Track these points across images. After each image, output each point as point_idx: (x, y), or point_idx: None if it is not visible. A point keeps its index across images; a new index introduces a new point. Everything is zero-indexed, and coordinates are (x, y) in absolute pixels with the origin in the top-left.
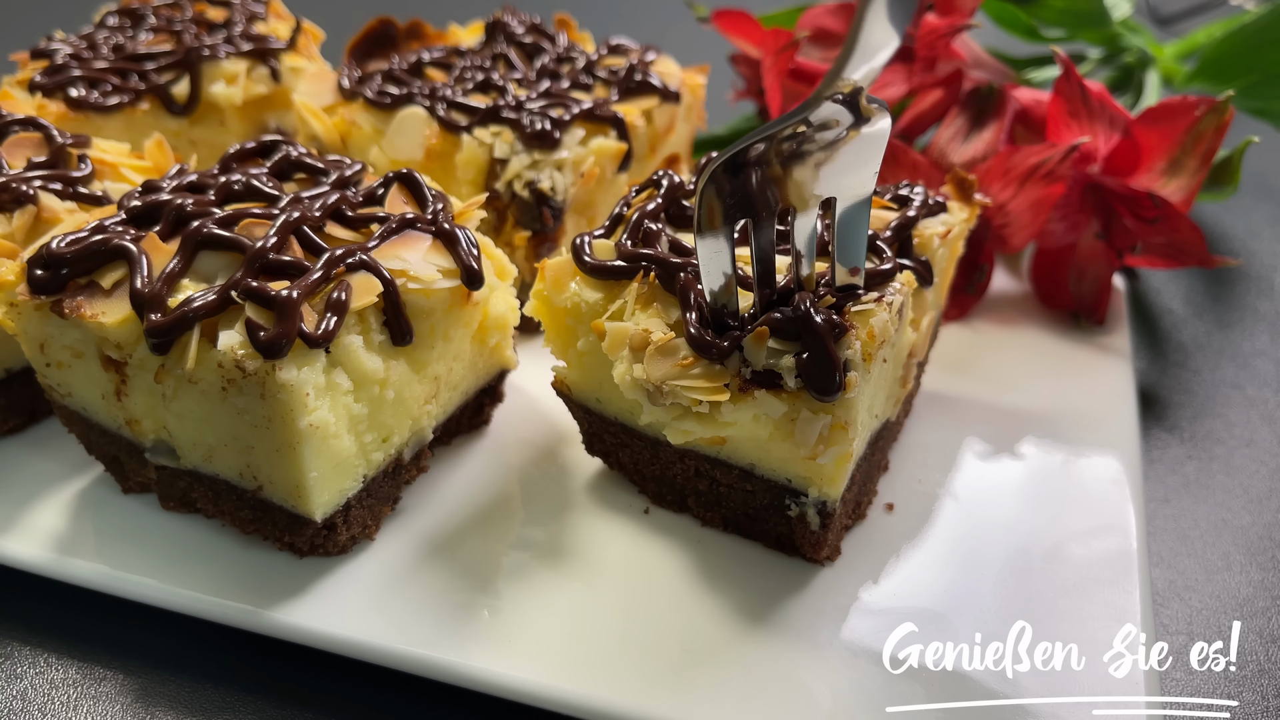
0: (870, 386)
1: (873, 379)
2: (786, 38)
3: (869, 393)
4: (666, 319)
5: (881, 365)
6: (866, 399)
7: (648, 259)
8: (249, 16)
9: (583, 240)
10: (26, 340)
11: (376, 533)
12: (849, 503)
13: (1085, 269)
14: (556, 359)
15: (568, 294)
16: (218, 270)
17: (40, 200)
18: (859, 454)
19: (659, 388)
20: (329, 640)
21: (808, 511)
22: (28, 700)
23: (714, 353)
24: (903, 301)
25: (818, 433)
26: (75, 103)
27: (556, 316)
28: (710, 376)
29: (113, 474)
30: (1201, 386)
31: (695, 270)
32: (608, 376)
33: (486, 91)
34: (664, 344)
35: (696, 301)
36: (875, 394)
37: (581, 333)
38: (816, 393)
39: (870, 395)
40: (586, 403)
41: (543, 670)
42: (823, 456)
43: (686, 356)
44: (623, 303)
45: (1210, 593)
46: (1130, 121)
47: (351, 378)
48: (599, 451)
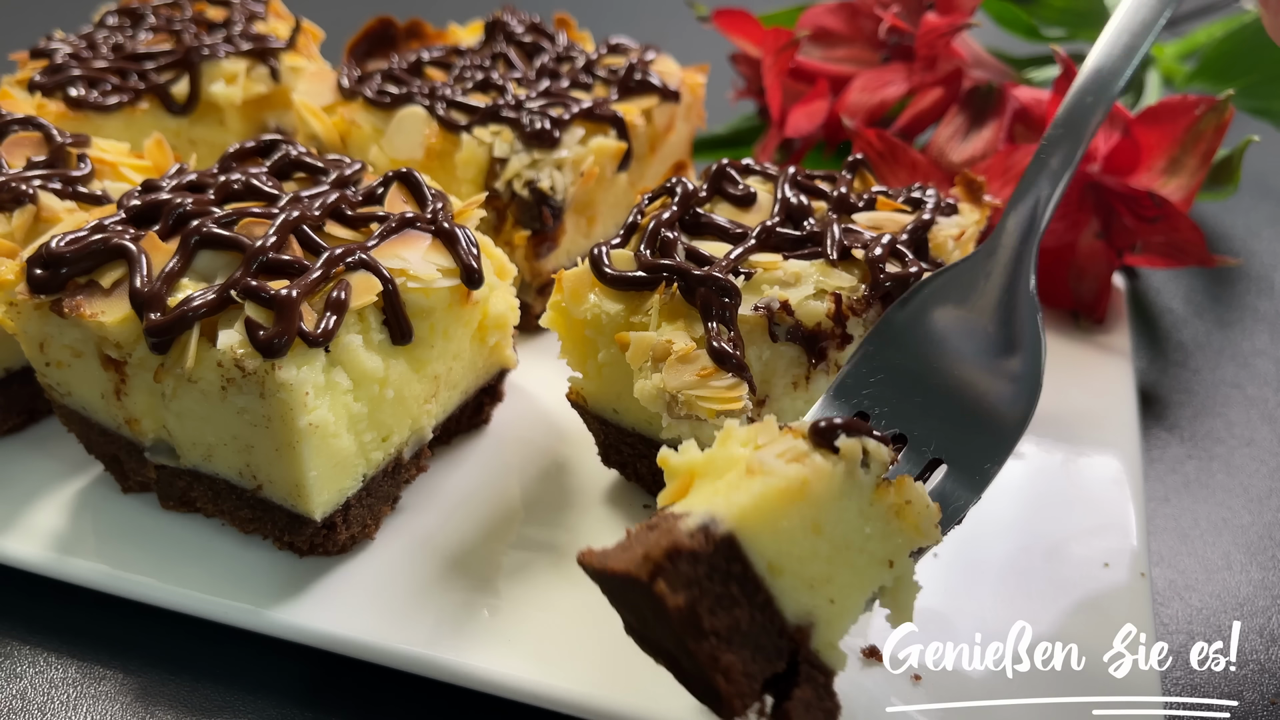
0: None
1: None
2: (786, 37)
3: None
4: (692, 332)
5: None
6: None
7: (669, 270)
8: (249, 16)
9: (601, 251)
10: (26, 339)
11: (376, 532)
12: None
13: (1085, 268)
14: (573, 370)
15: (587, 305)
16: (217, 269)
17: (40, 199)
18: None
19: (675, 397)
20: (329, 640)
21: None
22: (28, 699)
23: (733, 364)
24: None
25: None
26: (75, 102)
27: (574, 328)
28: (728, 387)
29: (112, 473)
30: (1201, 386)
31: (716, 284)
32: (626, 387)
33: (486, 91)
34: (685, 354)
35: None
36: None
37: (602, 344)
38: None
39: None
40: (603, 414)
41: (542, 670)
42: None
43: (706, 367)
44: (646, 314)
45: (1210, 592)
46: (1130, 121)
47: (351, 377)
48: (615, 463)
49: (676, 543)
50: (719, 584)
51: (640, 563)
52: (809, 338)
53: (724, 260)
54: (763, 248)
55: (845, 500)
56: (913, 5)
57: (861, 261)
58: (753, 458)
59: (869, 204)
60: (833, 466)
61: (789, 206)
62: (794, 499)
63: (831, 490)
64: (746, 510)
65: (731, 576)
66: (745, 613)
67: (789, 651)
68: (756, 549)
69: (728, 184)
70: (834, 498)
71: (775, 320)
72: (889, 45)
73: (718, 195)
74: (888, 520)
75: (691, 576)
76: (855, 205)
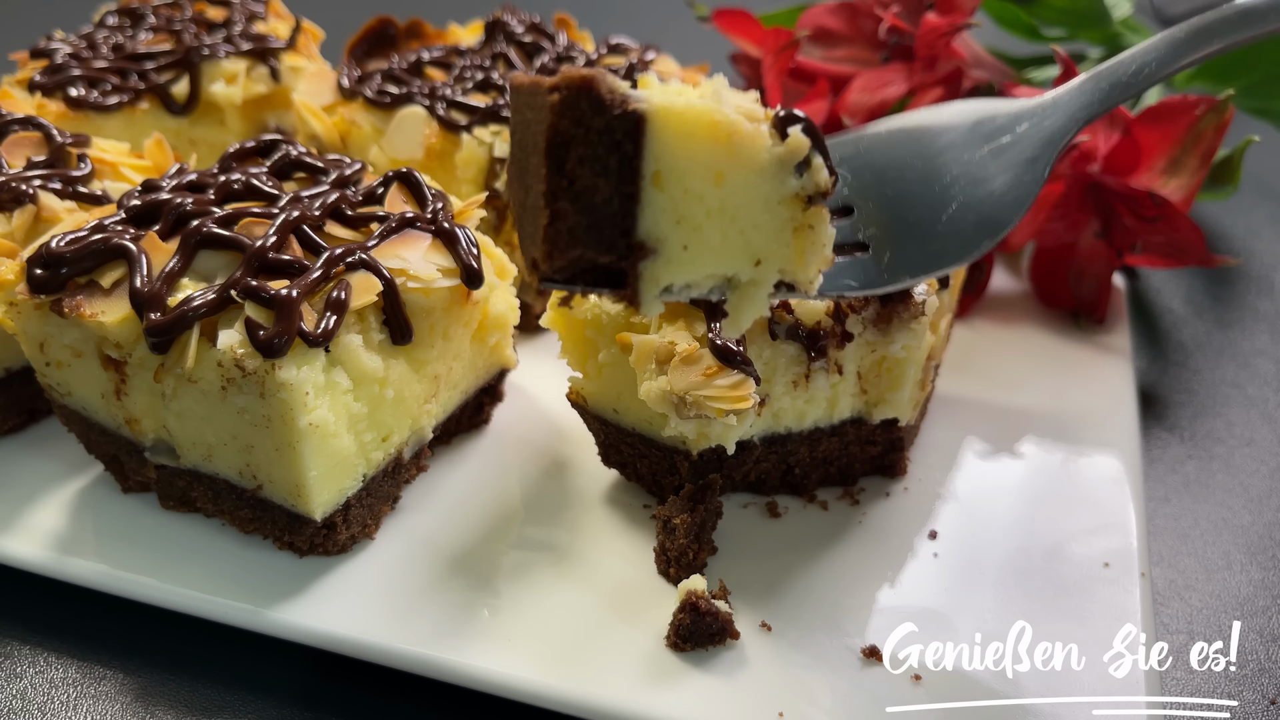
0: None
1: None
2: (786, 37)
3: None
4: (693, 331)
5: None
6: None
7: None
8: (249, 16)
9: None
10: (26, 339)
11: (376, 532)
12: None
13: (1085, 268)
14: (573, 370)
15: (588, 305)
16: (217, 269)
17: (40, 199)
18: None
19: (683, 399)
20: (329, 640)
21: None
22: (28, 699)
23: (739, 360)
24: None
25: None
26: (75, 102)
27: (575, 328)
28: (734, 386)
29: (112, 473)
30: (1201, 386)
31: None
32: (627, 387)
33: (486, 90)
34: (688, 354)
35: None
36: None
37: (603, 344)
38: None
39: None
40: (603, 414)
41: (542, 669)
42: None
43: (710, 366)
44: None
45: (1210, 592)
46: (1130, 121)
47: (351, 377)
48: (615, 463)
49: (593, 80)
50: (603, 146)
51: (553, 79)
52: (809, 336)
53: None
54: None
55: (760, 180)
56: (913, 5)
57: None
58: (708, 86)
59: None
60: (771, 145)
61: None
62: (718, 138)
63: (755, 161)
64: (671, 110)
65: (618, 150)
66: (607, 188)
67: (619, 255)
68: (655, 149)
69: None
70: (752, 168)
71: (775, 319)
72: (889, 45)
73: None
74: (783, 229)
75: (585, 118)
76: None
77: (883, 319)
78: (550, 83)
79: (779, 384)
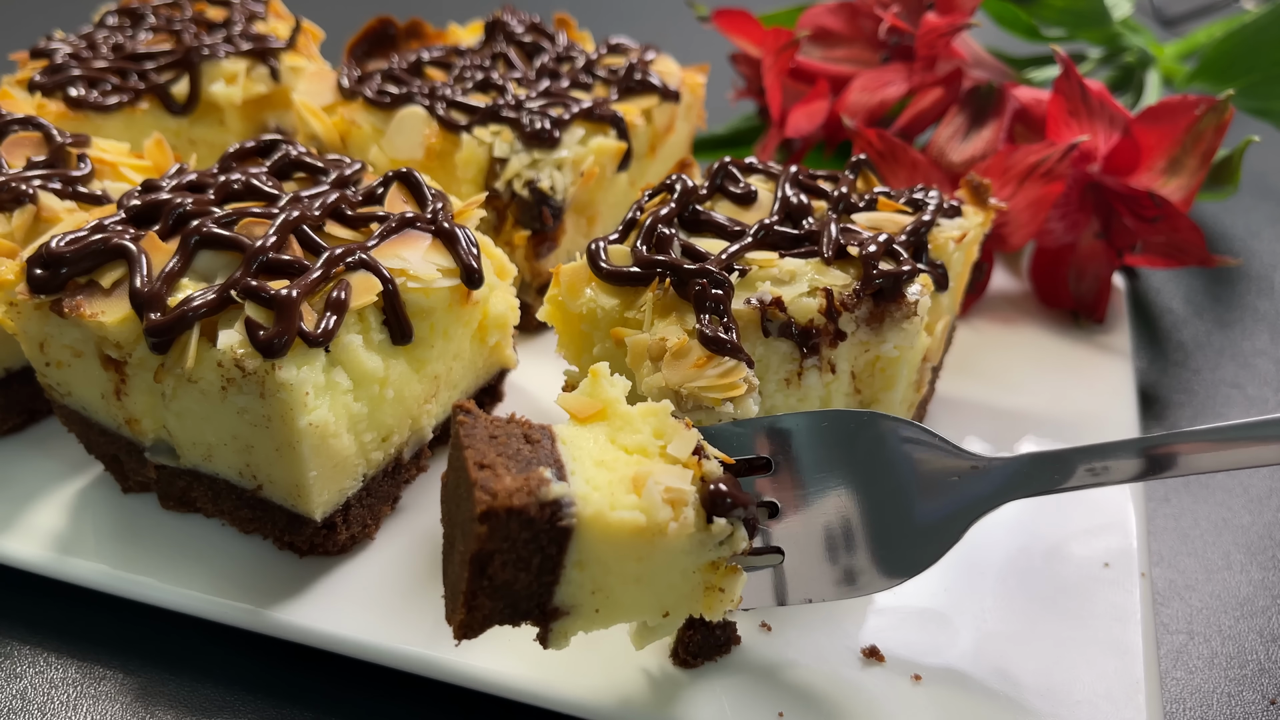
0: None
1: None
2: (786, 37)
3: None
4: (684, 325)
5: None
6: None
7: (663, 265)
8: (248, 16)
9: (598, 246)
10: (26, 339)
11: (376, 532)
12: None
13: (1085, 268)
14: (569, 364)
15: (583, 300)
16: (217, 269)
17: (40, 199)
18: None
19: (678, 393)
20: (329, 640)
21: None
22: (28, 699)
23: (728, 347)
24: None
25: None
26: (75, 102)
27: (571, 322)
28: (724, 374)
29: (112, 473)
30: (1201, 386)
31: (708, 276)
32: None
33: (486, 91)
34: (679, 348)
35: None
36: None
37: (597, 338)
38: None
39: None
40: None
41: (542, 670)
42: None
43: (700, 357)
44: (641, 311)
45: (1210, 592)
46: (1130, 121)
47: (351, 377)
48: None
49: (524, 508)
50: (526, 550)
51: (487, 498)
52: (801, 333)
53: (718, 256)
54: (759, 245)
55: (681, 556)
56: (913, 5)
57: (857, 260)
58: (640, 478)
59: (869, 204)
60: (695, 529)
61: (789, 205)
62: (645, 537)
63: (678, 545)
64: (599, 524)
65: (541, 552)
66: (528, 580)
67: (534, 620)
68: (580, 548)
69: (729, 182)
70: (674, 551)
71: (768, 316)
72: (889, 45)
73: (718, 193)
74: (695, 588)
75: (513, 535)
76: (856, 205)
77: (875, 318)
78: (483, 506)
79: (771, 381)
